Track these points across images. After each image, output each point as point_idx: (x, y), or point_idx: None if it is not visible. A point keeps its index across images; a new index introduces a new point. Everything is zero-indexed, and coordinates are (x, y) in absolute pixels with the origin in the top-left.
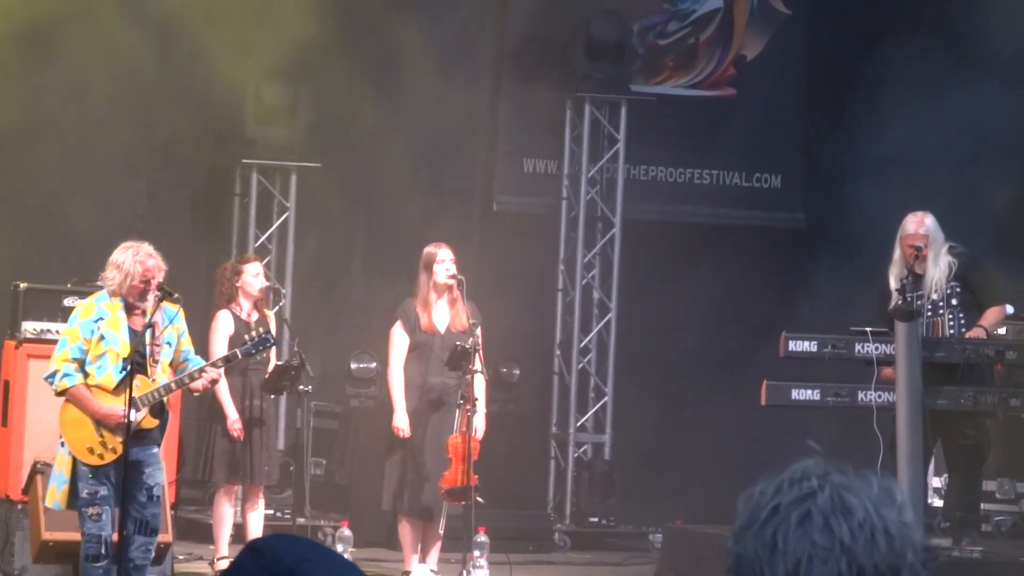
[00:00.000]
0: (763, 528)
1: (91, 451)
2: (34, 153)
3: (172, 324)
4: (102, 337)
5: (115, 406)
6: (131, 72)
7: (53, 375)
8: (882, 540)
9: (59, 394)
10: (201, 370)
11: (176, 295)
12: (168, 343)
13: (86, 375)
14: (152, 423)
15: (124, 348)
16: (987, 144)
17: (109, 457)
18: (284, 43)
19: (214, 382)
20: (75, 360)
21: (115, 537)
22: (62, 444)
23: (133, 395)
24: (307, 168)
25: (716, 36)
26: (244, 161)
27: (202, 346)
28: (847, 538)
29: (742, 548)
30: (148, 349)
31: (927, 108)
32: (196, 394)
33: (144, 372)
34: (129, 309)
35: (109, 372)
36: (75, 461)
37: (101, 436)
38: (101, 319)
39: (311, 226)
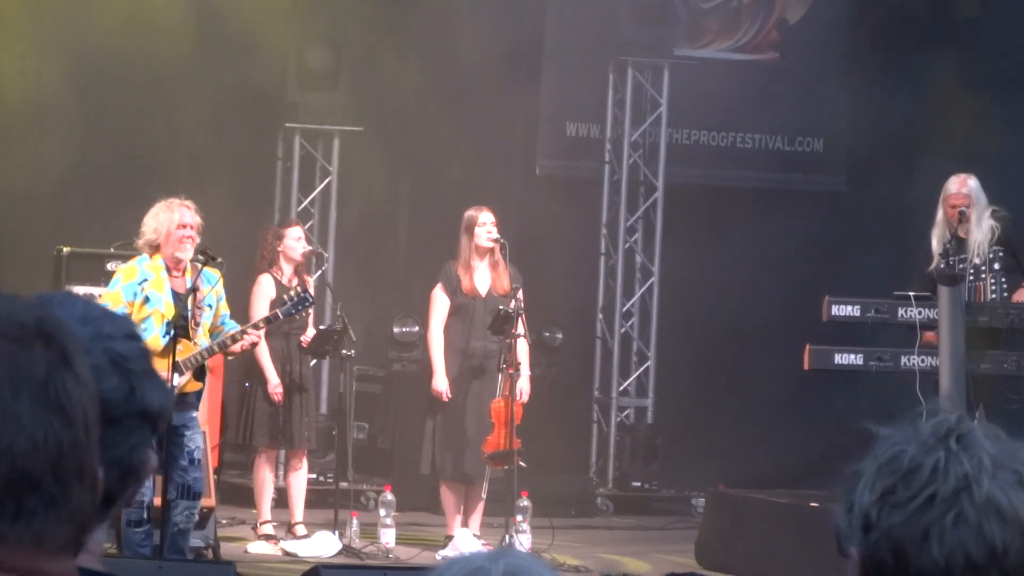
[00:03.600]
0: (916, 516)
1: None
2: (76, 119)
3: (212, 287)
4: (147, 299)
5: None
6: (173, 36)
7: None
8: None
9: None
10: (243, 332)
11: (219, 259)
12: (209, 305)
13: None
14: (196, 386)
15: (169, 309)
16: None
17: None
18: (327, 7)
19: (254, 344)
20: None
21: (157, 501)
22: None
23: (176, 359)
24: (350, 132)
25: (758, 0)
26: (287, 125)
27: (243, 310)
28: (999, 546)
29: (885, 520)
30: (190, 312)
31: (971, 71)
32: (231, 356)
33: (187, 336)
34: (170, 271)
35: (156, 334)
36: None
37: None
38: (145, 280)
39: (353, 190)
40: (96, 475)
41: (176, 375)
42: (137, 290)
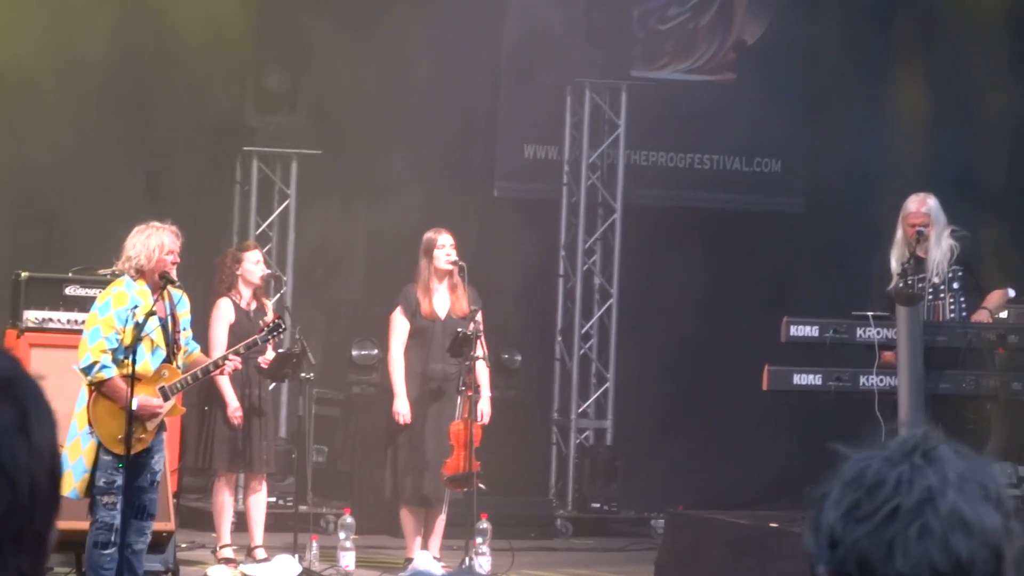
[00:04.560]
0: (880, 528)
1: (122, 441)
2: (33, 142)
3: (185, 309)
4: (137, 325)
5: (150, 398)
6: (130, 60)
7: (91, 366)
8: (992, 558)
9: (94, 385)
10: (225, 358)
11: (177, 283)
12: (184, 328)
13: (119, 364)
14: (179, 412)
15: (159, 335)
16: (988, 126)
17: (139, 447)
18: (284, 30)
19: (236, 370)
20: (111, 350)
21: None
22: (90, 434)
23: (162, 385)
24: (308, 155)
25: (716, 21)
26: (244, 149)
27: (202, 334)
28: (964, 559)
29: (850, 535)
30: (171, 336)
31: (928, 91)
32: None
33: (170, 360)
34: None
35: (146, 360)
36: (98, 451)
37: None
38: (136, 306)
39: (312, 213)
40: (44, 539)
41: (163, 400)
42: (128, 316)
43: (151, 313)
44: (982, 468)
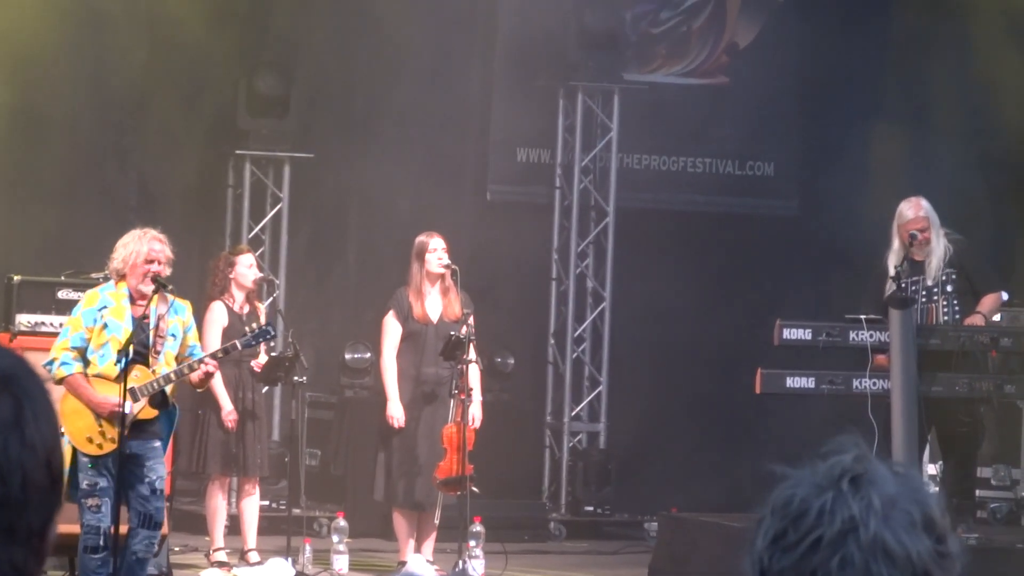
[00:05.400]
0: (804, 559)
1: (90, 441)
2: (26, 145)
3: (178, 316)
4: (105, 325)
5: (110, 395)
6: (123, 63)
7: (51, 363)
8: None
9: (56, 382)
10: (200, 361)
11: (170, 287)
12: (173, 335)
13: (87, 364)
14: (151, 414)
15: (127, 336)
16: (982, 129)
17: (108, 447)
18: (276, 34)
19: (210, 375)
20: (75, 349)
21: (122, 529)
22: (61, 435)
23: (132, 386)
24: (300, 159)
25: (708, 24)
26: (237, 152)
27: None
28: None
29: (776, 564)
30: (151, 340)
31: (920, 94)
32: (200, 390)
33: (145, 363)
34: (133, 299)
35: (111, 360)
36: (75, 452)
37: (100, 426)
38: (105, 307)
39: (304, 217)
40: (40, 534)
41: (131, 401)
42: (97, 316)
43: (144, 318)
44: (913, 492)
